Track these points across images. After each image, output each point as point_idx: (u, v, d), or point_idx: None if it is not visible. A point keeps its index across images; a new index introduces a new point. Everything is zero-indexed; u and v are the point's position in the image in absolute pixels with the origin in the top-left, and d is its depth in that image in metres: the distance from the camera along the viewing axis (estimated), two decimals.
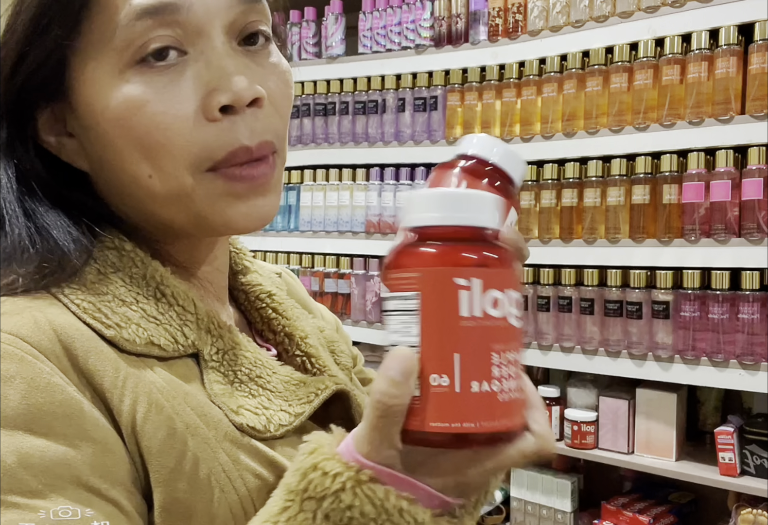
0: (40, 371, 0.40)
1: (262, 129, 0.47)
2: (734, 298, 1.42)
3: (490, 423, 0.37)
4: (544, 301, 1.67)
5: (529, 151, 1.72)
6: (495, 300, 0.37)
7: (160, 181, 0.46)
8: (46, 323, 0.42)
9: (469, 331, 0.37)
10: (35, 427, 0.39)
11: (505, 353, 0.37)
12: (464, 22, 1.86)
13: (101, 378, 0.42)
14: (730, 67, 1.43)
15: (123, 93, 0.45)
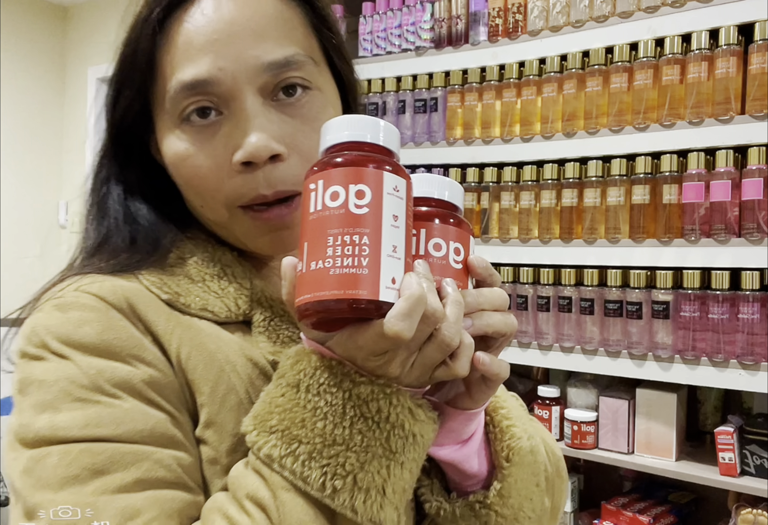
0: (111, 317, 0.53)
1: (280, 180, 0.56)
2: (734, 298, 1.42)
3: (321, 292, 0.43)
4: (544, 301, 1.67)
5: (529, 151, 1.72)
6: (334, 193, 0.44)
7: (208, 211, 0.59)
8: (119, 288, 0.55)
9: (313, 223, 0.45)
10: (106, 354, 0.52)
11: (343, 236, 0.43)
12: (464, 23, 1.86)
13: (156, 326, 0.54)
14: (730, 67, 1.43)
15: (174, 146, 0.58)
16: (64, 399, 0.50)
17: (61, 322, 0.53)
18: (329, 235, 0.43)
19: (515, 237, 1.74)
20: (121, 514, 0.46)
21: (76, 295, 0.54)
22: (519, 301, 1.71)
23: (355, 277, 0.43)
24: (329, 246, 0.43)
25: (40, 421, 0.49)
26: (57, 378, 0.51)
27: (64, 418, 0.49)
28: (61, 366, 0.51)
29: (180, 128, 0.57)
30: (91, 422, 0.49)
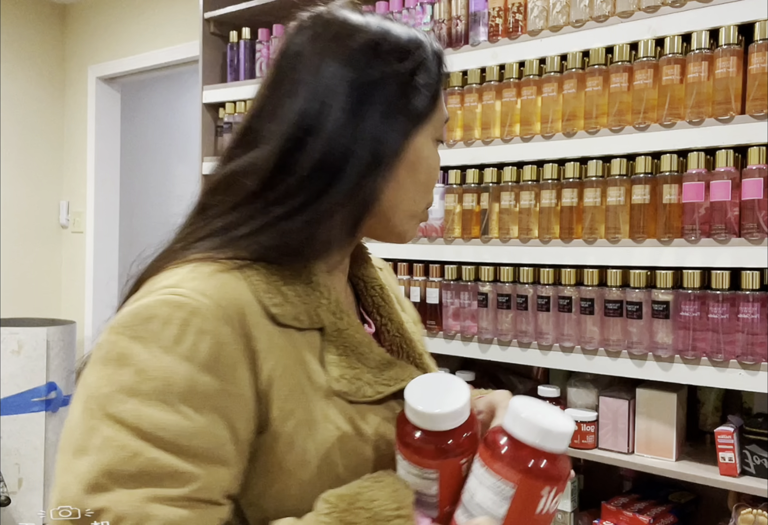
0: (222, 332, 0.59)
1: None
2: (734, 298, 1.42)
3: None
4: (544, 300, 1.67)
5: (529, 150, 1.72)
6: (556, 501, 0.57)
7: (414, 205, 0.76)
8: (237, 297, 0.61)
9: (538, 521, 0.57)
10: (205, 368, 0.58)
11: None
12: (464, 23, 1.86)
13: (258, 343, 0.61)
14: (731, 66, 1.43)
15: (433, 153, 0.75)
16: (156, 397, 0.56)
17: (176, 320, 0.58)
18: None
19: (515, 237, 1.74)
20: (162, 521, 0.53)
21: (199, 293, 0.60)
22: (519, 301, 1.71)
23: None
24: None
25: (128, 404, 0.56)
26: (157, 375, 0.56)
27: (149, 413, 0.55)
28: (164, 364, 0.57)
29: (434, 142, 0.75)
30: (168, 428, 0.55)
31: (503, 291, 1.74)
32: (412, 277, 1.93)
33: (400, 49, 0.70)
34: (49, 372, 3.21)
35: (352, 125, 0.66)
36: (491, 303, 1.76)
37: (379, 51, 0.69)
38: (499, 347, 1.74)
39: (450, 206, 1.84)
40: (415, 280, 1.91)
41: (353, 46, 0.68)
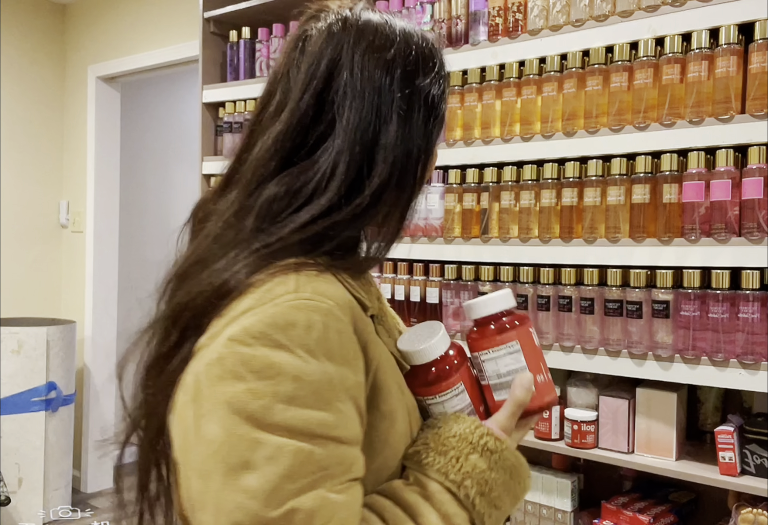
0: (344, 328, 0.63)
1: None
2: (734, 297, 1.42)
3: (552, 394, 0.77)
4: (544, 300, 1.67)
5: (529, 150, 1.72)
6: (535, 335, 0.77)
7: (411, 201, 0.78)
8: (344, 297, 0.66)
9: (540, 351, 0.76)
10: (343, 362, 0.62)
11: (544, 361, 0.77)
12: (464, 23, 1.86)
13: (365, 336, 0.67)
14: (731, 66, 1.43)
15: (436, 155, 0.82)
16: (316, 399, 0.59)
17: (317, 325, 0.61)
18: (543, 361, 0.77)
19: (515, 236, 1.74)
20: (347, 508, 0.58)
21: (320, 295, 0.63)
22: (519, 300, 1.71)
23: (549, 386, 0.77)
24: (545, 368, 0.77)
25: (291, 411, 0.58)
26: (313, 379, 0.59)
27: (313, 415, 0.59)
28: (315, 367, 0.60)
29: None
30: (331, 424, 0.59)
31: None
32: (412, 276, 1.93)
33: (428, 59, 0.78)
34: (49, 372, 3.21)
35: (405, 137, 0.71)
36: None
37: (415, 62, 0.75)
38: None
39: (450, 206, 1.84)
40: (415, 280, 1.91)
41: (390, 57, 0.72)
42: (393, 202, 0.71)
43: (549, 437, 1.69)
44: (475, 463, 0.67)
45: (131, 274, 4.12)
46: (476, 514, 0.66)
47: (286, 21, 2.42)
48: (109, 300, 3.75)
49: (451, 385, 0.73)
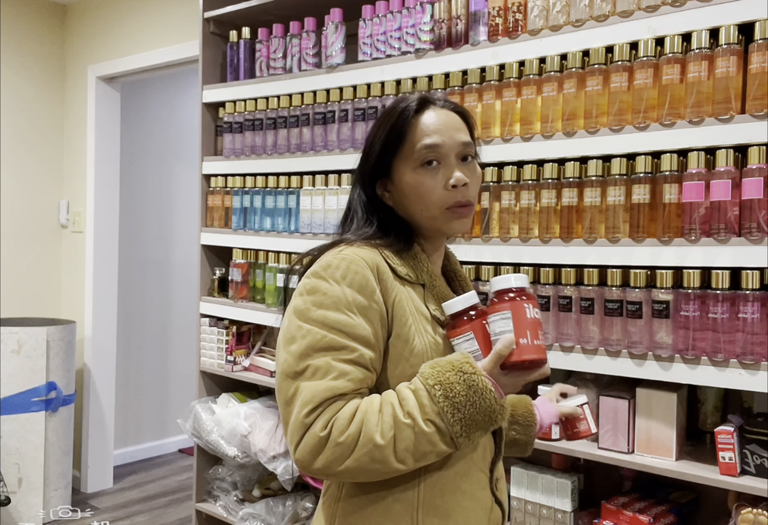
0: (366, 273, 1.01)
1: (468, 195, 1.08)
2: (734, 297, 1.42)
3: (533, 355, 0.98)
4: (545, 300, 1.67)
5: (530, 150, 1.72)
6: (533, 310, 0.99)
7: (426, 213, 1.08)
8: (373, 257, 1.04)
9: (529, 322, 0.98)
10: (359, 290, 1.00)
11: (537, 329, 0.99)
12: (464, 23, 1.86)
13: (386, 283, 1.03)
14: (731, 66, 1.43)
15: (415, 178, 1.08)
16: (332, 306, 0.98)
17: (343, 266, 1.00)
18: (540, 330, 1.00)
19: (515, 236, 1.74)
20: (339, 371, 0.95)
21: (354, 254, 1.02)
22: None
23: (543, 349, 0.99)
24: (539, 335, 0.99)
25: (318, 311, 0.98)
26: (333, 294, 0.99)
27: (330, 315, 0.98)
28: (336, 289, 0.99)
29: (418, 170, 1.07)
30: (340, 321, 0.97)
31: None
32: None
33: (382, 117, 1.13)
34: (49, 372, 3.21)
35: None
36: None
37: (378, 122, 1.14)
38: None
39: None
40: None
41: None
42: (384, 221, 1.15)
43: (549, 437, 1.69)
44: (449, 377, 0.95)
45: (131, 274, 4.12)
46: (440, 408, 0.94)
47: (286, 21, 2.42)
48: (109, 300, 3.75)
49: (462, 332, 1.02)
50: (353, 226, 1.13)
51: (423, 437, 0.94)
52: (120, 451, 4.04)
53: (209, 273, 2.68)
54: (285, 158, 2.35)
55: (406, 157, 1.08)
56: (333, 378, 0.94)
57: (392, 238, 1.10)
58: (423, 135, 1.07)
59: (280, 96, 2.37)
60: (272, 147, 2.39)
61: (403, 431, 0.93)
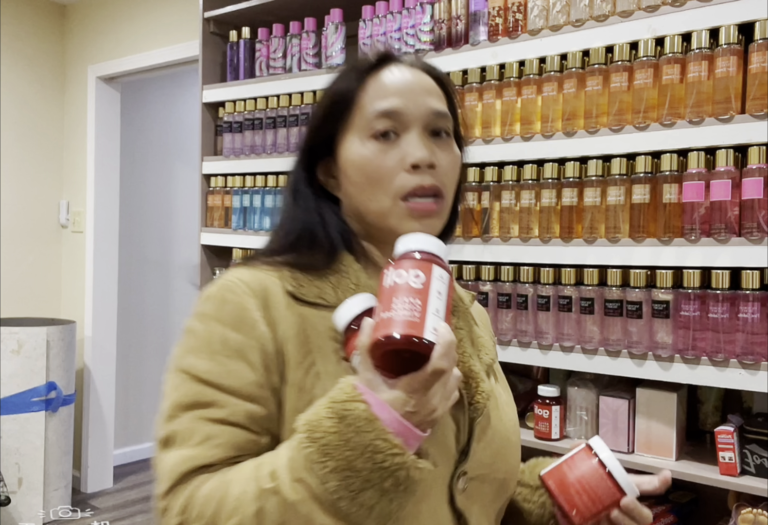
0: (246, 302, 0.78)
1: (433, 180, 0.81)
2: (734, 297, 1.42)
3: (384, 331, 0.65)
4: (545, 300, 1.67)
5: (530, 149, 1.72)
6: (398, 274, 0.68)
7: (375, 202, 0.82)
8: (262, 282, 0.79)
9: (386, 291, 0.68)
10: (234, 327, 0.77)
11: (402, 298, 0.66)
12: (464, 23, 1.86)
13: (277, 311, 0.78)
14: (731, 66, 1.43)
15: (362, 152, 0.82)
16: (201, 350, 0.76)
17: (218, 297, 0.79)
18: (398, 297, 0.67)
19: (516, 236, 1.74)
20: (203, 435, 0.72)
21: (236, 278, 0.80)
22: (519, 300, 1.71)
23: (412, 323, 0.65)
24: (397, 304, 0.66)
25: (185, 360, 0.77)
26: (203, 335, 0.77)
27: (197, 363, 0.76)
28: (206, 328, 0.78)
29: (369, 140, 0.82)
30: (209, 370, 0.75)
31: (503, 290, 1.74)
32: None
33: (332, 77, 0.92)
34: (48, 372, 3.21)
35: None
36: (492, 302, 1.76)
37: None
38: (500, 347, 1.74)
39: None
40: None
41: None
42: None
43: (549, 437, 1.69)
44: (318, 410, 0.66)
45: (131, 274, 4.12)
46: (305, 457, 0.64)
47: (286, 21, 2.42)
48: (109, 300, 3.75)
49: (354, 347, 0.75)
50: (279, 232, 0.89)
51: (291, 509, 0.64)
52: (120, 451, 4.04)
53: (209, 273, 2.68)
54: (285, 158, 2.35)
55: (354, 127, 0.83)
56: (195, 445, 0.71)
57: (308, 249, 0.84)
58: (378, 97, 0.82)
59: (279, 96, 2.37)
60: (272, 146, 2.39)
61: (267, 501, 0.65)
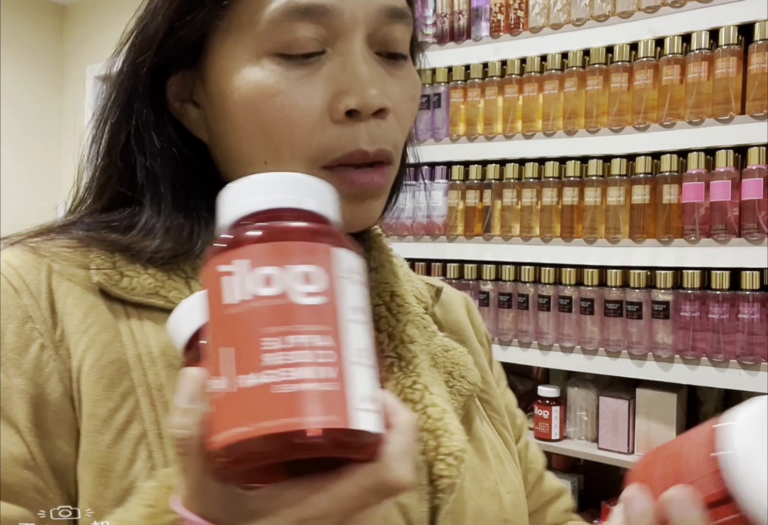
0: (11, 307, 0.44)
1: (382, 138, 0.48)
2: (734, 298, 1.42)
3: (265, 423, 0.28)
4: (545, 300, 1.67)
5: (531, 148, 1.72)
6: (267, 277, 0.30)
7: (275, 169, 0.43)
8: (41, 269, 0.46)
9: (237, 319, 0.30)
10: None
11: (288, 336, 0.29)
12: (466, 18, 1.86)
13: (69, 322, 0.44)
14: (730, 67, 1.43)
15: (257, 78, 0.46)
16: None
17: None
18: (265, 334, 0.29)
19: (517, 235, 1.74)
20: None
21: (6, 262, 0.46)
22: (520, 300, 1.71)
23: (320, 396, 0.29)
24: (266, 351, 0.29)
25: None
26: None
27: None
28: None
29: (270, 58, 0.46)
30: None
31: (504, 290, 1.74)
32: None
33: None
34: None
35: None
36: (492, 302, 1.76)
37: None
38: (500, 347, 1.74)
39: (453, 203, 1.84)
40: None
41: None
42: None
43: (549, 438, 1.69)
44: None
45: None
46: None
47: None
48: None
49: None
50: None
51: None
52: None
53: None
54: None
55: (243, 29, 0.47)
56: None
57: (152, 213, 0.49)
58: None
59: None
60: None
61: None
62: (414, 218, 1.88)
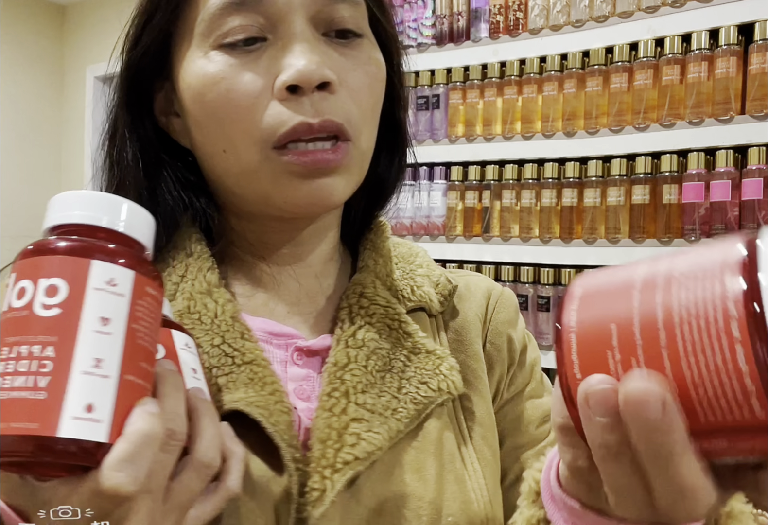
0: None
1: (329, 110, 0.47)
2: None
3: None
4: (544, 301, 1.67)
5: (530, 149, 1.72)
6: (21, 290, 0.34)
7: (233, 156, 0.49)
8: None
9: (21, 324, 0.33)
10: None
11: (15, 346, 0.32)
12: (465, 19, 1.86)
13: None
14: (730, 67, 1.44)
15: (204, 69, 0.48)
16: None
17: None
18: (3, 344, 0.33)
19: (516, 236, 1.74)
20: None
21: None
22: (520, 300, 1.71)
23: (25, 404, 0.31)
24: (2, 360, 0.32)
25: None
26: None
27: None
28: None
29: (215, 51, 0.48)
30: None
31: None
32: None
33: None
34: None
35: None
36: None
37: None
38: None
39: (452, 203, 1.84)
40: None
41: None
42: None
43: None
44: None
45: None
46: None
47: None
48: None
49: None
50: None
51: None
52: None
53: None
54: None
55: (191, 34, 0.50)
56: None
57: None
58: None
59: None
60: None
61: None
62: (413, 218, 1.89)
